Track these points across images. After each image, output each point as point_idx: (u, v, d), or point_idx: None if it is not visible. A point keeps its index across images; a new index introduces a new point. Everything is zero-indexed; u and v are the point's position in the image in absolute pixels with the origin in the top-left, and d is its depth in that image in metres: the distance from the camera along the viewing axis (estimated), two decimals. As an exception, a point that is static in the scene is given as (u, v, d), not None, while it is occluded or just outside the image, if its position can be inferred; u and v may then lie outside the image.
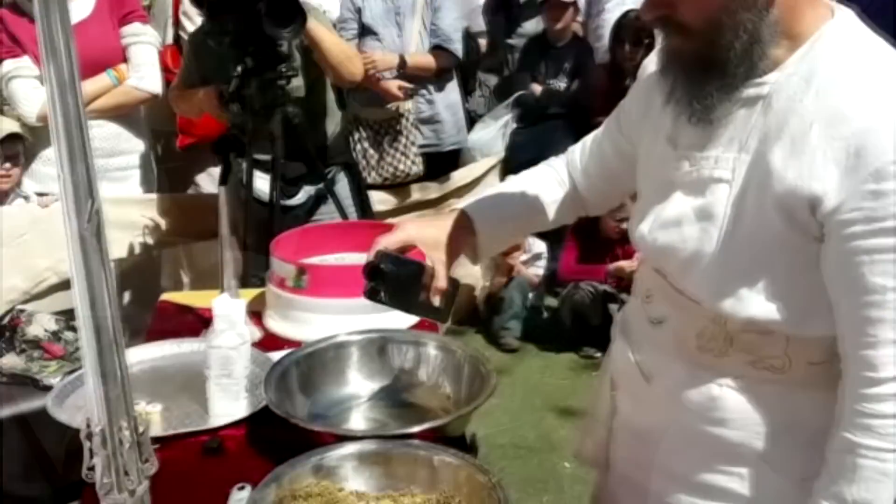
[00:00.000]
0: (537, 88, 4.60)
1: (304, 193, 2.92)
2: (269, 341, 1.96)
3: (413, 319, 2.00)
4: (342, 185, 2.90)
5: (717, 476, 1.20)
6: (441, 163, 4.09)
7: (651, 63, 1.31)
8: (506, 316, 4.14)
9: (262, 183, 2.82)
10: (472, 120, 4.84)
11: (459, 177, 4.17)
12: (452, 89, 4.10)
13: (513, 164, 4.22)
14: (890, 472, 1.05)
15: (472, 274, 4.19)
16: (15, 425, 2.70)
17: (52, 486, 2.87)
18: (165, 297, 2.34)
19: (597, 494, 1.47)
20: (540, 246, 4.36)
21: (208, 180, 3.56)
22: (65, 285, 2.95)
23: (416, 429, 1.45)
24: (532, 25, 4.83)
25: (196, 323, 2.08)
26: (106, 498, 0.57)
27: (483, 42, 4.96)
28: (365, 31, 3.92)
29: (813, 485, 1.10)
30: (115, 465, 0.56)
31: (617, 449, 1.37)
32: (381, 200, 3.73)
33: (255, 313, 2.07)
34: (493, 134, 4.54)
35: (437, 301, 1.37)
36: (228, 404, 1.65)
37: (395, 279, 1.34)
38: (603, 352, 4.20)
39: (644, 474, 1.28)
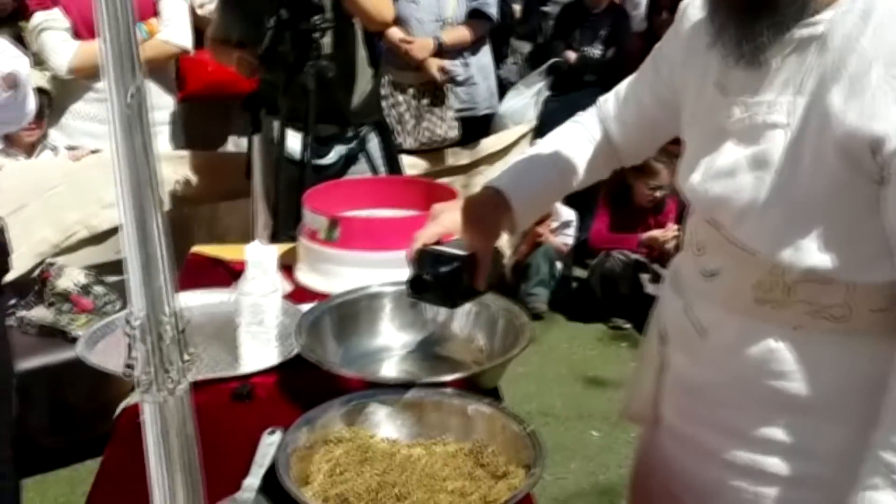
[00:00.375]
0: (571, 56, 4.53)
1: (336, 153, 2.89)
2: (300, 294, 1.94)
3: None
4: (373, 146, 2.87)
5: (775, 430, 1.15)
6: (474, 128, 4.05)
7: (691, 5, 1.26)
8: (532, 283, 4.11)
9: (293, 142, 2.79)
10: (503, 88, 4.78)
11: (490, 144, 4.13)
12: (485, 53, 4.05)
13: (545, 132, 4.14)
14: None
15: (499, 242, 4.15)
16: (42, 377, 2.71)
17: (77, 440, 2.89)
18: (196, 249, 2.32)
19: (643, 453, 1.42)
20: (569, 214, 4.31)
21: (234, 143, 3.54)
22: (95, 240, 2.95)
23: (449, 377, 1.42)
24: (568, -8, 4.76)
25: (226, 276, 2.06)
26: (145, 395, 0.54)
27: (517, 8, 4.89)
28: (402, -7, 3.87)
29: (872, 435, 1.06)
30: (155, 360, 0.53)
31: (667, 405, 1.32)
32: (411, 165, 3.69)
33: (286, 268, 2.04)
34: (526, 102, 4.48)
35: (481, 286, 1.35)
36: (259, 352, 1.63)
37: (438, 284, 1.31)
38: (633, 322, 4.20)
39: (697, 430, 1.24)
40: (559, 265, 4.28)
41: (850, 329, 1.10)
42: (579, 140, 1.44)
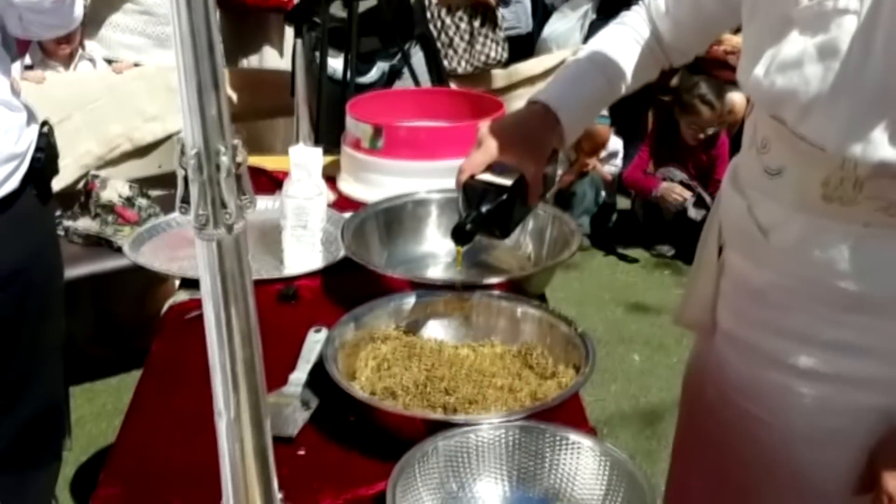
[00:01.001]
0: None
1: (378, 70, 2.84)
2: (343, 203, 1.92)
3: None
4: (418, 60, 2.81)
5: (842, 331, 1.11)
6: (518, 48, 3.96)
7: None
8: (577, 211, 4.07)
9: (334, 61, 2.75)
10: (547, 12, 4.66)
11: (529, 67, 4.02)
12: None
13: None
14: None
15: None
16: (88, 286, 2.75)
17: (124, 351, 2.94)
18: (238, 159, 2.31)
19: (697, 359, 1.39)
20: (616, 143, 4.23)
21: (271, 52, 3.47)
22: (138, 153, 2.95)
23: (496, 279, 1.40)
24: None
25: (269, 184, 2.05)
26: (201, 232, 0.52)
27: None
28: None
29: None
30: (211, 195, 0.51)
31: (725, 310, 1.28)
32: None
33: (329, 179, 2.02)
34: (572, 25, 4.36)
35: (533, 207, 1.31)
36: (303, 255, 1.62)
37: (488, 219, 1.25)
38: (676, 249, 4.14)
39: (758, 335, 1.20)
40: (603, 193, 4.22)
41: None
42: (627, 43, 1.38)
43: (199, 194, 0.51)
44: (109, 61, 3.01)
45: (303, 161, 1.61)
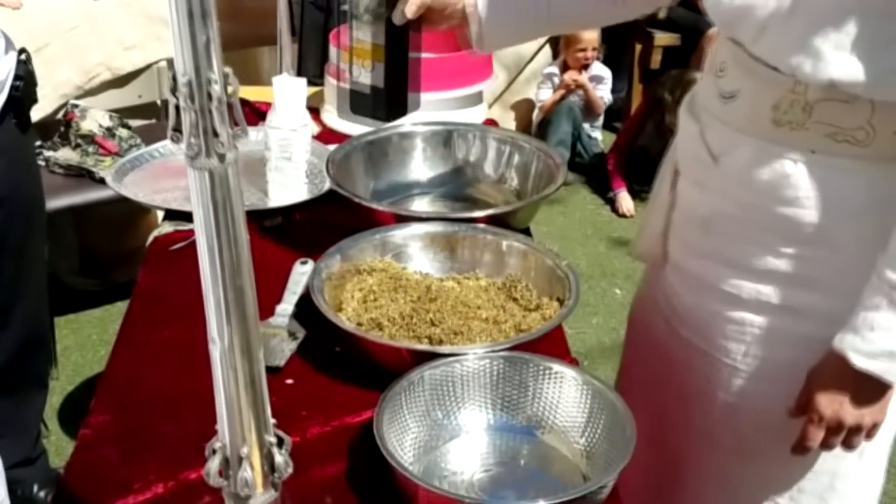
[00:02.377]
0: None
1: (363, -5, 2.78)
2: (327, 136, 1.91)
3: (480, 119, 1.94)
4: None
5: (781, 260, 1.12)
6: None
7: None
8: (552, 141, 3.96)
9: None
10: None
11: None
12: None
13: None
14: None
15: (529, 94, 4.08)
16: (70, 217, 2.73)
17: (107, 283, 2.94)
18: (220, 90, 2.28)
19: (646, 292, 1.40)
20: (602, 69, 4.16)
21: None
22: (118, 83, 2.90)
23: (482, 213, 1.41)
24: None
25: (252, 115, 2.03)
26: (194, 162, 0.52)
27: None
28: None
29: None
30: (203, 124, 0.51)
31: (675, 241, 1.29)
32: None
33: (312, 110, 2.00)
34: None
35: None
36: (289, 188, 1.61)
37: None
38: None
39: (703, 263, 1.21)
40: (586, 125, 4.18)
41: (872, 154, 1.06)
42: None
43: (191, 124, 0.51)
44: (87, -13, 2.93)
45: (286, 92, 1.59)
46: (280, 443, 0.71)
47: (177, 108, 0.51)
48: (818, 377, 1.08)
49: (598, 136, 4.24)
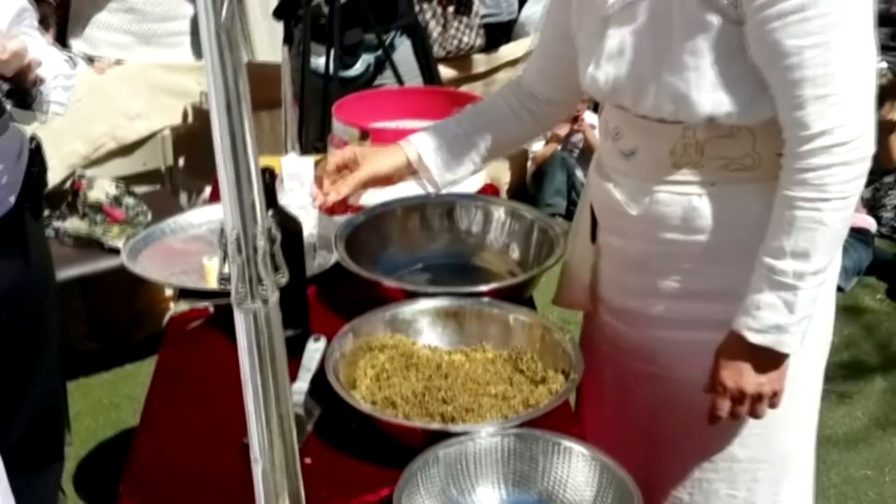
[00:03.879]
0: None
1: (363, 63, 2.85)
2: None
3: (479, 185, 2.00)
4: (404, 50, 2.82)
5: (712, 280, 1.29)
6: (497, 34, 3.99)
7: None
8: (548, 191, 4.06)
9: (320, 57, 2.76)
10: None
11: (509, 52, 4.06)
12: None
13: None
14: (825, 220, 1.15)
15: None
16: (80, 286, 2.78)
17: (115, 346, 2.98)
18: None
19: (588, 336, 1.55)
20: (593, 118, 4.25)
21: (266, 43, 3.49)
22: (123, 151, 2.98)
23: (487, 287, 1.46)
24: None
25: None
26: (241, 305, 0.58)
27: None
28: None
29: None
30: (249, 273, 0.57)
31: (609, 285, 1.44)
32: (434, 73, 3.65)
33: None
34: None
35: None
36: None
37: None
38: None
39: (642, 301, 1.36)
40: (579, 173, 4.26)
41: (763, 175, 1.24)
42: (492, 102, 1.56)
43: (238, 273, 0.57)
44: (90, 59, 3.02)
45: (295, 171, 1.66)
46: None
47: (224, 257, 0.57)
48: (721, 355, 1.25)
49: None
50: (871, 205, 3.87)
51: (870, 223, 3.69)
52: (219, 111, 0.51)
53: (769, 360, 1.22)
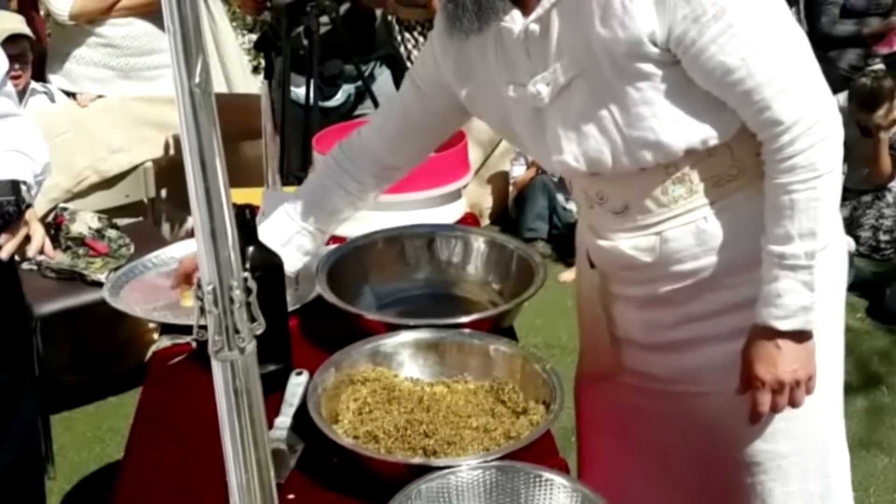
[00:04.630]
0: None
1: (343, 93, 2.88)
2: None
3: (459, 215, 2.02)
4: (384, 80, 2.84)
5: (735, 291, 1.31)
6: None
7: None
8: (530, 216, 4.08)
9: (301, 88, 2.78)
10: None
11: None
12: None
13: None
14: (822, 196, 1.20)
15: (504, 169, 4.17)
16: (63, 319, 2.77)
17: (99, 378, 2.97)
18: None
19: (591, 370, 1.58)
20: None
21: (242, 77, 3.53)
22: (105, 184, 2.98)
23: (468, 318, 1.48)
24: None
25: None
26: (218, 355, 0.59)
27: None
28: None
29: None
30: (225, 324, 0.58)
31: (639, 327, 1.43)
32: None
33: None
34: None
35: None
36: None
37: None
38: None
39: (680, 331, 1.37)
40: (560, 197, 4.28)
41: (751, 178, 1.28)
42: (318, 182, 1.60)
43: (215, 325, 0.58)
44: (69, 94, 3.03)
45: (276, 205, 1.67)
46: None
47: (202, 309, 0.58)
48: (750, 353, 1.27)
49: (573, 208, 4.33)
50: (850, 224, 3.91)
51: (848, 243, 3.74)
52: (193, 168, 0.52)
53: (798, 341, 1.25)
